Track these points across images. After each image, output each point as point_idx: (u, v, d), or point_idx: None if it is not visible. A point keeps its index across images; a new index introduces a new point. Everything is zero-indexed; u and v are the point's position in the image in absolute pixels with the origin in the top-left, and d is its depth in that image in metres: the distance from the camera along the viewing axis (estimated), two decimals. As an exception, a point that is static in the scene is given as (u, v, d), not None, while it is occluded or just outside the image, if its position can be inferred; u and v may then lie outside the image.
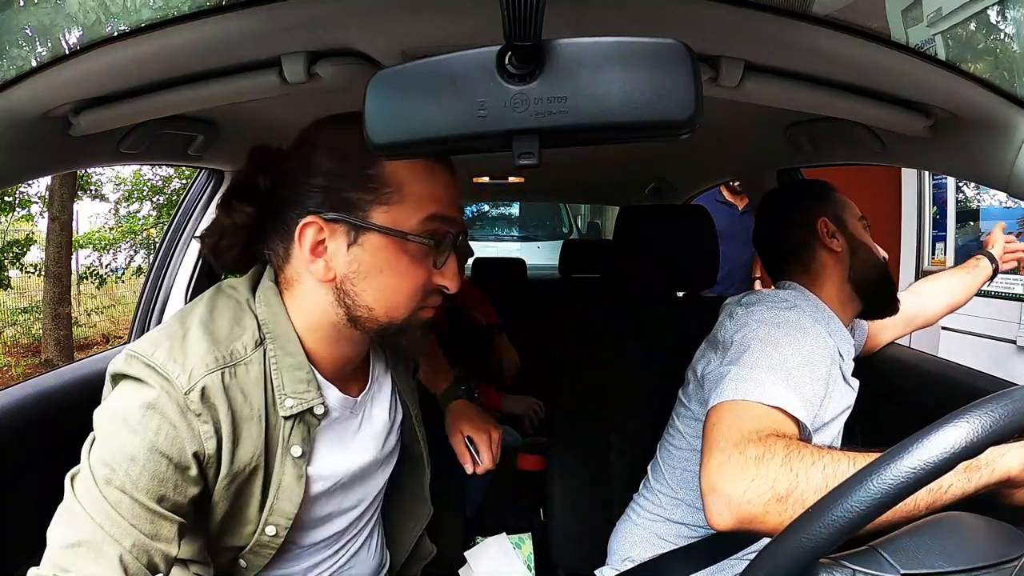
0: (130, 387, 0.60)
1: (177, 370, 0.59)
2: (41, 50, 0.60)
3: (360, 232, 0.63)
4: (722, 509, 0.63)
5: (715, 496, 0.64)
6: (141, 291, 1.39)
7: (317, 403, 0.67)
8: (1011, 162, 0.67)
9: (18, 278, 5.52)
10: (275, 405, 0.65)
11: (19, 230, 5.53)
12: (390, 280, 0.64)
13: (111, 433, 0.58)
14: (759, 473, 0.62)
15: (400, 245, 0.64)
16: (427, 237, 0.64)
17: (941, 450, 0.38)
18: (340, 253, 0.64)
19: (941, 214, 2.81)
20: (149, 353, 0.60)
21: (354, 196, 0.62)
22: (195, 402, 0.59)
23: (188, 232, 1.36)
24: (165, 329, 0.64)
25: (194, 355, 0.60)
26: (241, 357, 0.63)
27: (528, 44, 0.39)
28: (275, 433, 0.65)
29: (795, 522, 0.41)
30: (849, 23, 0.56)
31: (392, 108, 0.44)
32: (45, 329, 5.00)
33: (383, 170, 0.62)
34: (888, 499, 0.38)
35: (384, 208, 0.63)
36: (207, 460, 0.60)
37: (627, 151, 1.53)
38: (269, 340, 0.65)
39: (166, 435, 0.58)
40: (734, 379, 0.75)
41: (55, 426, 1.04)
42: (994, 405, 0.39)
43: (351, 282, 0.64)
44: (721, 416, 0.72)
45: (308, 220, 0.62)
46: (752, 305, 0.89)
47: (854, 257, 0.97)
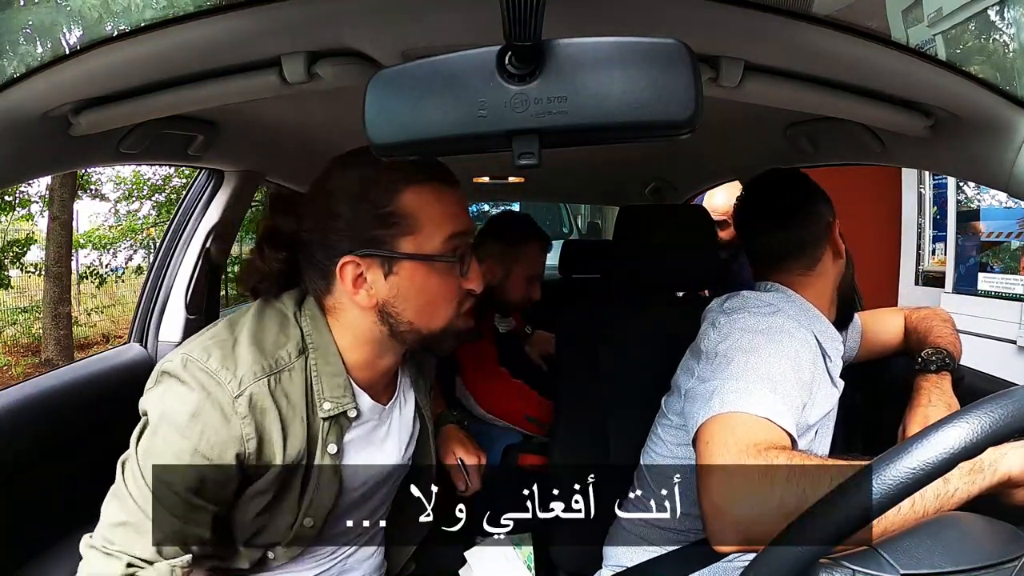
0: (181, 390, 0.65)
1: (229, 376, 0.65)
2: (41, 50, 0.60)
3: (393, 262, 0.70)
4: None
5: (719, 518, 0.62)
6: (141, 290, 1.39)
7: (351, 407, 0.73)
8: (1011, 162, 0.67)
9: (18, 278, 5.52)
10: (314, 407, 0.71)
11: (19, 229, 5.53)
12: (426, 297, 0.72)
13: (160, 432, 0.64)
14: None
15: (429, 266, 0.71)
16: (451, 254, 0.71)
17: (942, 450, 0.38)
18: (379, 282, 0.70)
19: (941, 214, 2.81)
20: (204, 359, 0.66)
21: (379, 233, 0.69)
22: (242, 406, 0.65)
23: (188, 232, 1.36)
24: (215, 336, 0.69)
25: (244, 363, 0.67)
26: (285, 364, 0.69)
27: (528, 44, 0.39)
28: (315, 432, 0.72)
29: (795, 522, 0.41)
30: (849, 23, 0.56)
31: (392, 108, 0.44)
32: (45, 329, 5.00)
33: (398, 205, 0.69)
34: (888, 500, 0.38)
35: (409, 238, 0.69)
36: (248, 458, 0.66)
37: (627, 151, 1.52)
38: (311, 350, 0.72)
39: (208, 440, 0.64)
40: (720, 392, 0.74)
41: (55, 426, 1.04)
42: (994, 405, 0.39)
43: (392, 305, 0.71)
44: (713, 432, 0.70)
45: (346, 260, 0.69)
46: (735, 312, 0.87)
47: (848, 267, 0.96)
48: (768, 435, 0.68)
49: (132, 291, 6.21)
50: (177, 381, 0.65)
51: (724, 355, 0.80)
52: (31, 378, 1.07)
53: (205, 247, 1.35)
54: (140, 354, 1.31)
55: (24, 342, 5.43)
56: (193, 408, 0.64)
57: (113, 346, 1.37)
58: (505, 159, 0.43)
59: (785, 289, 0.94)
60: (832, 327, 0.94)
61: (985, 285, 2.54)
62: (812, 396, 0.83)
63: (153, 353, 1.32)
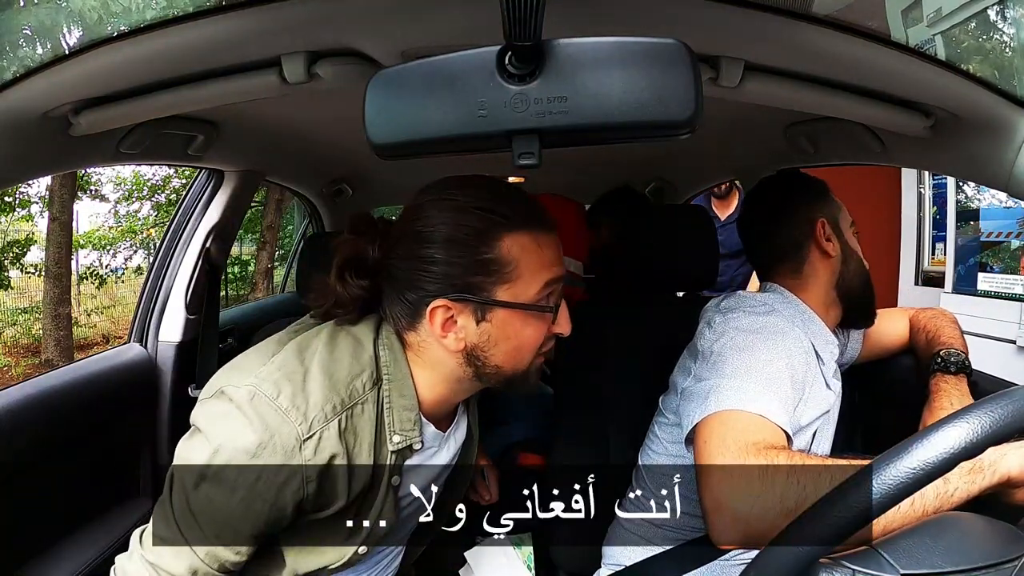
0: (242, 424, 0.62)
1: (299, 418, 0.62)
2: (41, 50, 0.60)
3: (487, 309, 0.67)
4: (728, 526, 0.61)
5: (720, 514, 0.61)
6: (141, 291, 1.39)
7: (417, 440, 0.72)
8: (1011, 162, 0.67)
9: (18, 278, 5.52)
10: (383, 440, 0.69)
11: (19, 230, 5.52)
12: (516, 344, 0.70)
13: (215, 463, 0.61)
14: (764, 487, 0.60)
15: (523, 314, 0.69)
16: (546, 303, 0.70)
17: (941, 450, 0.38)
18: (470, 328, 0.68)
19: (941, 214, 2.81)
20: (274, 396, 0.62)
21: (476, 280, 0.66)
22: (309, 449, 0.62)
23: (188, 232, 1.36)
24: (283, 367, 0.65)
25: (315, 402, 0.63)
26: (359, 397, 0.67)
27: (528, 44, 0.39)
28: (381, 464, 0.70)
29: (795, 522, 0.41)
30: (849, 23, 0.56)
31: (392, 108, 0.44)
32: (45, 329, 5.00)
33: (497, 253, 0.66)
34: (888, 500, 0.38)
35: (505, 286, 0.67)
36: (305, 498, 0.64)
37: (627, 151, 1.52)
38: (386, 380, 0.70)
39: (266, 481, 0.61)
40: (716, 391, 0.74)
41: (55, 426, 1.04)
42: (994, 405, 0.39)
43: (481, 350, 0.69)
44: (712, 430, 0.71)
45: (438, 304, 0.66)
46: (730, 311, 0.88)
47: (845, 266, 0.94)
48: (765, 433, 0.69)
49: (132, 292, 6.20)
50: (240, 413, 0.62)
51: (719, 354, 0.80)
52: (31, 378, 1.07)
53: (205, 247, 1.35)
54: (140, 354, 1.31)
55: (24, 343, 5.43)
56: (255, 448, 0.61)
57: (113, 347, 1.37)
58: (505, 159, 0.43)
59: (782, 290, 0.95)
60: (827, 330, 0.94)
61: (985, 285, 2.54)
62: (805, 395, 0.84)
63: (153, 353, 1.32)
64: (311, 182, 1.69)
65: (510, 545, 1.07)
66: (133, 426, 1.24)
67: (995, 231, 2.56)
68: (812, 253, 0.94)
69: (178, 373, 1.31)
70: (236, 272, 6.17)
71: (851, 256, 0.95)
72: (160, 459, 1.28)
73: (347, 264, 0.70)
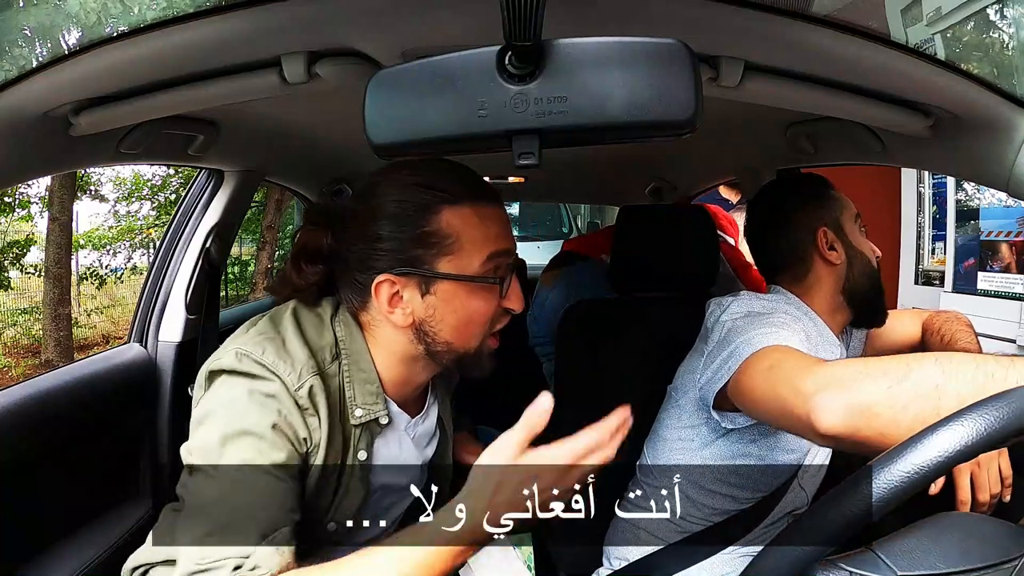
0: (244, 381, 0.64)
1: (288, 369, 0.65)
2: (41, 50, 0.60)
3: (431, 282, 0.69)
4: (835, 400, 0.56)
5: (825, 392, 0.57)
6: (141, 291, 1.39)
7: (382, 414, 0.73)
8: (1011, 162, 0.67)
9: (18, 279, 5.52)
10: (346, 414, 0.71)
11: (19, 231, 5.52)
12: (464, 317, 0.71)
13: (233, 420, 0.62)
14: (867, 366, 0.56)
15: (469, 286, 0.70)
16: (491, 274, 0.70)
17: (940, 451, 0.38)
18: (416, 301, 0.70)
19: (941, 213, 2.80)
20: (259, 353, 0.65)
21: (418, 253, 0.68)
22: (303, 398, 0.65)
23: (188, 232, 1.36)
24: (262, 332, 0.68)
25: (298, 357, 0.66)
26: (325, 367, 0.69)
27: (528, 44, 0.39)
28: (347, 437, 0.71)
29: (793, 524, 0.41)
30: (849, 23, 0.56)
31: (392, 108, 0.44)
32: (45, 330, 4.99)
33: (439, 225, 0.68)
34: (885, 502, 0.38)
35: (448, 258, 0.68)
36: (311, 448, 0.66)
37: (627, 151, 1.52)
38: (344, 356, 0.71)
39: (285, 418, 0.64)
40: (742, 343, 0.74)
41: (55, 426, 1.04)
42: (993, 406, 0.39)
43: (428, 324, 0.70)
44: (763, 361, 0.69)
45: (381, 279, 0.68)
46: (739, 298, 0.89)
47: (850, 269, 0.94)
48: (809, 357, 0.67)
49: (132, 292, 6.20)
50: (235, 373, 0.64)
51: (733, 324, 0.81)
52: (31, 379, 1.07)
53: (205, 247, 1.35)
54: (140, 354, 1.31)
55: (24, 343, 5.42)
56: (264, 391, 0.63)
57: (113, 347, 1.37)
58: (505, 159, 0.43)
59: (785, 292, 0.96)
60: (830, 332, 0.94)
61: (984, 284, 2.53)
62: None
63: (153, 353, 1.32)
64: (311, 182, 1.69)
65: (510, 545, 1.07)
66: (133, 426, 1.24)
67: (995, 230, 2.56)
68: (815, 263, 0.94)
69: (178, 373, 1.31)
70: (236, 272, 6.17)
71: (856, 258, 0.94)
72: (160, 459, 1.28)
73: (301, 253, 0.73)
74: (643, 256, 1.23)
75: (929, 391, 0.52)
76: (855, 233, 0.96)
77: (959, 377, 0.52)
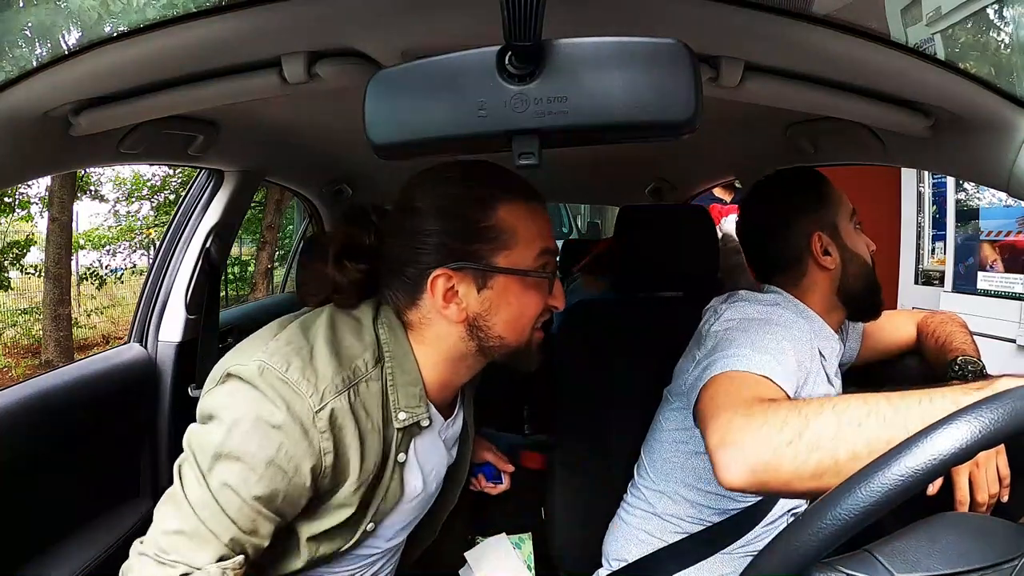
0: (256, 397, 0.62)
1: (310, 389, 0.63)
2: (41, 50, 0.60)
3: (488, 276, 0.69)
4: (733, 460, 0.59)
5: (723, 449, 0.60)
6: (141, 291, 1.39)
7: (424, 417, 0.73)
8: (1011, 162, 0.67)
9: (18, 279, 5.51)
10: (390, 417, 0.70)
11: (20, 231, 5.52)
12: (517, 311, 0.71)
13: (233, 439, 0.61)
14: (767, 420, 0.59)
15: (523, 281, 0.70)
16: (542, 270, 0.71)
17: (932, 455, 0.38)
18: (472, 296, 0.70)
19: (941, 213, 2.80)
20: (283, 369, 0.63)
21: (475, 248, 0.68)
22: (323, 420, 0.63)
23: (188, 232, 1.36)
24: (291, 343, 0.66)
25: (324, 375, 0.64)
26: (363, 375, 0.68)
27: (528, 44, 0.39)
28: (389, 442, 0.71)
29: (793, 524, 0.41)
30: (849, 23, 0.56)
31: (392, 108, 0.44)
32: (45, 330, 4.99)
33: (497, 219, 0.68)
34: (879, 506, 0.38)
35: (505, 252, 0.69)
36: (322, 472, 0.65)
37: (627, 151, 1.52)
38: (388, 359, 0.70)
39: (286, 453, 0.62)
40: (720, 359, 0.75)
41: (55, 426, 1.04)
42: (988, 407, 0.39)
43: (483, 319, 0.71)
44: (717, 387, 0.71)
45: (437, 273, 0.68)
46: (737, 301, 0.89)
47: (845, 272, 0.93)
48: (769, 391, 0.69)
49: (132, 292, 6.20)
50: (251, 388, 0.62)
51: (723, 336, 0.81)
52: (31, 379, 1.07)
53: (205, 247, 1.35)
54: (140, 354, 1.31)
55: (24, 344, 5.42)
56: (271, 419, 0.61)
57: (113, 347, 1.37)
58: (505, 159, 0.43)
59: (781, 291, 0.95)
60: (827, 327, 0.94)
61: (984, 284, 2.53)
62: (808, 382, 0.85)
63: (153, 353, 1.32)
64: (311, 182, 1.69)
65: (510, 544, 1.07)
66: (133, 426, 1.24)
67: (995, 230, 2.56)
68: (810, 267, 0.94)
69: (178, 373, 1.31)
70: (236, 272, 6.17)
71: (851, 259, 0.94)
72: (160, 459, 1.28)
73: (344, 251, 0.72)
74: (643, 256, 1.23)
75: (825, 443, 0.55)
76: (850, 233, 0.95)
77: (852, 427, 0.55)
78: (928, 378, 1.11)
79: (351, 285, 0.72)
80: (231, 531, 0.61)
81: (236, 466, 0.61)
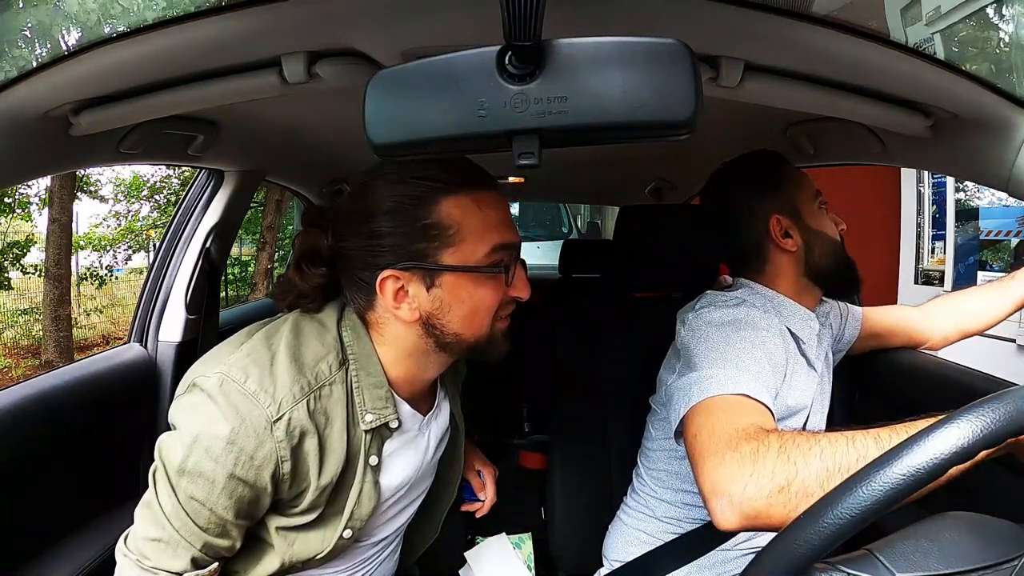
0: (215, 413, 0.63)
1: (267, 400, 0.64)
2: (41, 50, 0.60)
3: (435, 275, 0.68)
4: (725, 509, 0.62)
5: (717, 497, 0.63)
6: (141, 291, 1.39)
7: (392, 418, 0.73)
8: (1011, 162, 0.67)
9: (18, 279, 5.52)
10: (356, 420, 0.70)
11: (20, 231, 5.52)
12: (471, 308, 0.70)
13: (193, 455, 0.63)
14: (756, 467, 0.61)
15: (474, 276, 0.69)
16: (495, 265, 0.69)
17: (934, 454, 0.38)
18: (421, 295, 0.69)
19: (941, 213, 2.80)
20: (242, 380, 0.64)
21: (421, 246, 0.67)
22: (280, 429, 0.64)
23: (188, 232, 1.36)
24: (251, 353, 0.67)
25: (283, 384, 0.65)
26: (326, 379, 0.68)
27: (528, 44, 0.39)
28: (356, 444, 0.71)
29: (791, 525, 0.41)
30: (849, 23, 0.56)
31: (392, 108, 0.44)
32: (45, 330, 5.00)
33: (439, 216, 0.67)
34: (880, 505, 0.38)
35: (451, 249, 0.67)
36: (283, 478, 0.66)
37: (627, 151, 1.52)
38: (352, 361, 0.71)
39: (243, 465, 0.63)
40: (695, 382, 0.75)
41: (55, 426, 1.04)
42: (990, 406, 0.39)
43: (436, 317, 0.70)
44: (700, 422, 0.71)
45: (385, 275, 0.67)
46: (701, 309, 0.88)
47: (810, 252, 0.92)
48: (751, 415, 0.69)
49: (132, 292, 6.20)
50: (211, 402, 0.63)
51: (694, 349, 0.81)
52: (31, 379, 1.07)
53: (205, 247, 1.35)
54: (140, 354, 1.31)
55: (24, 344, 5.42)
56: (228, 434, 0.62)
57: (113, 347, 1.37)
58: (505, 159, 0.43)
59: (748, 283, 0.95)
60: (802, 309, 0.93)
61: (985, 284, 2.54)
62: (788, 379, 0.85)
63: (153, 353, 1.32)
64: (311, 182, 1.69)
65: (510, 545, 1.07)
66: (133, 426, 1.24)
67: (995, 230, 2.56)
68: (772, 252, 0.93)
69: (178, 373, 1.31)
70: (236, 272, 6.17)
71: (815, 239, 0.92)
72: (160, 459, 1.28)
73: (303, 256, 0.73)
74: (643, 256, 1.23)
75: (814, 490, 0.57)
76: (813, 213, 0.93)
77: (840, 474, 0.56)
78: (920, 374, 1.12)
79: (313, 290, 0.72)
80: (203, 537, 0.65)
81: (199, 480, 0.63)
